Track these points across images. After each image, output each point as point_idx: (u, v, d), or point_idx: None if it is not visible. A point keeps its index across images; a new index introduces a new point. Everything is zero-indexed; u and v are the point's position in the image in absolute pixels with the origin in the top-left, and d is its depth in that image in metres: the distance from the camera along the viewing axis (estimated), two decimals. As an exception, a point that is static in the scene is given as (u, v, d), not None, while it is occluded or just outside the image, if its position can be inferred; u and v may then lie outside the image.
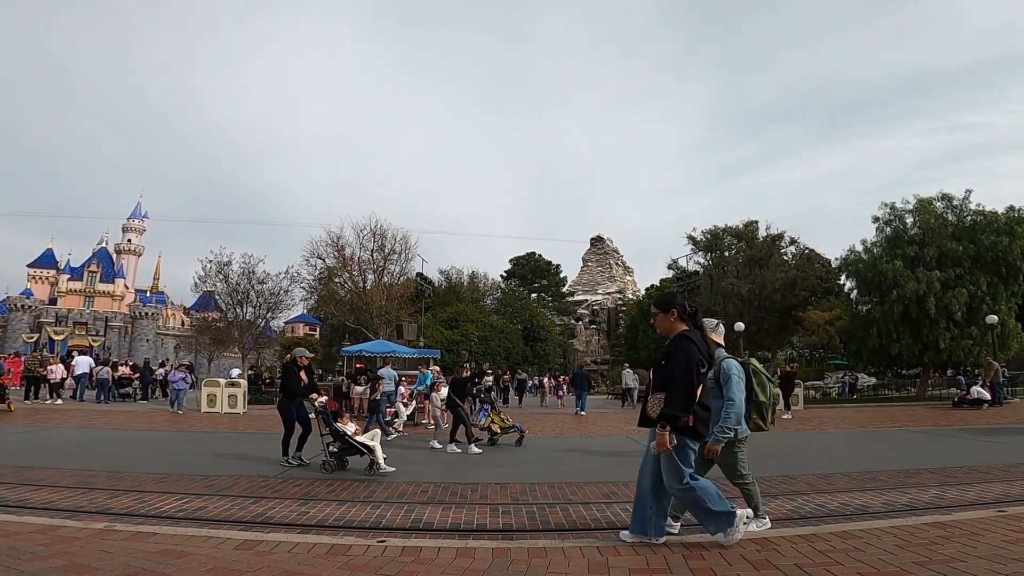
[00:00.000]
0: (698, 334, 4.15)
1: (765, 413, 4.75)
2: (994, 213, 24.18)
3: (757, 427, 4.74)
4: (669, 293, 4.80)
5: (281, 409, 8.84)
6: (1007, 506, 5.19)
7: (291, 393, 8.77)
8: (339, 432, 8.09)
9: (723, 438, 4.33)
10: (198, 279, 29.62)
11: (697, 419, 3.89)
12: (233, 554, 3.96)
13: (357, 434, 8.25)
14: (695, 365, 3.85)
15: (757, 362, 4.87)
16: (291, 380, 8.79)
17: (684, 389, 3.83)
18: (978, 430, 12.78)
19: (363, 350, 21.56)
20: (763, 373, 4.77)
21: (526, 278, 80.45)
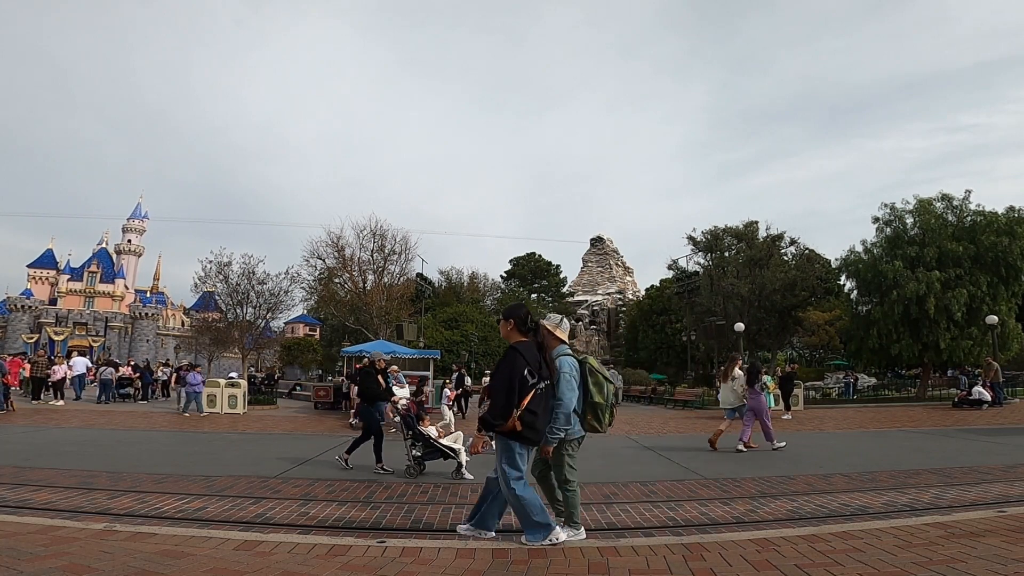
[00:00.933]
0: (529, 345, 4.30)
1: (601, 415, 4.58)
2: (994, 213, 24.20)
3: (593, 428, 4.64)
4: (515, 304, 4.80)
5: (365, 415, 8.59)
6: (1007, 506, 5.18)
7: (373, 397, 8.61)
8: (423, 435, 7.88)
9: (553, 439, 4.34)
10: (198, 279, 29.52)
11: (524, 424, 4.06)
12: (233, 554, 3.95)
13: (441, 437, 8.10)
14: (517, 375, 4.05)
15: (596, 361, 4.74)
16: (373, 384, 8.67)
17: (503, 398, 4.07)
18: (978, 430, 12.78)
19: (363, 351, 21.52)
20: (600, 373, 4.62)
21: (526, 278, 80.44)
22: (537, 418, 4.14)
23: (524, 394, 4.07)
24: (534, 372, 4.15)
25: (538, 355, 4.29)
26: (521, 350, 4.21)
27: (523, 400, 4.06)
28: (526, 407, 4.07)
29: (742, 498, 6.20)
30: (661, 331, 54.60)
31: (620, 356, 65.98)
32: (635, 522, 5.22)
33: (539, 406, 4.16)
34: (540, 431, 4.19)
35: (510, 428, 4.05)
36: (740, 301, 32.38)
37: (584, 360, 4.64)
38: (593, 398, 4.53)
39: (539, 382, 4.18)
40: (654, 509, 5.71)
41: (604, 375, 4.63)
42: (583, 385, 4.52)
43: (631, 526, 5.07)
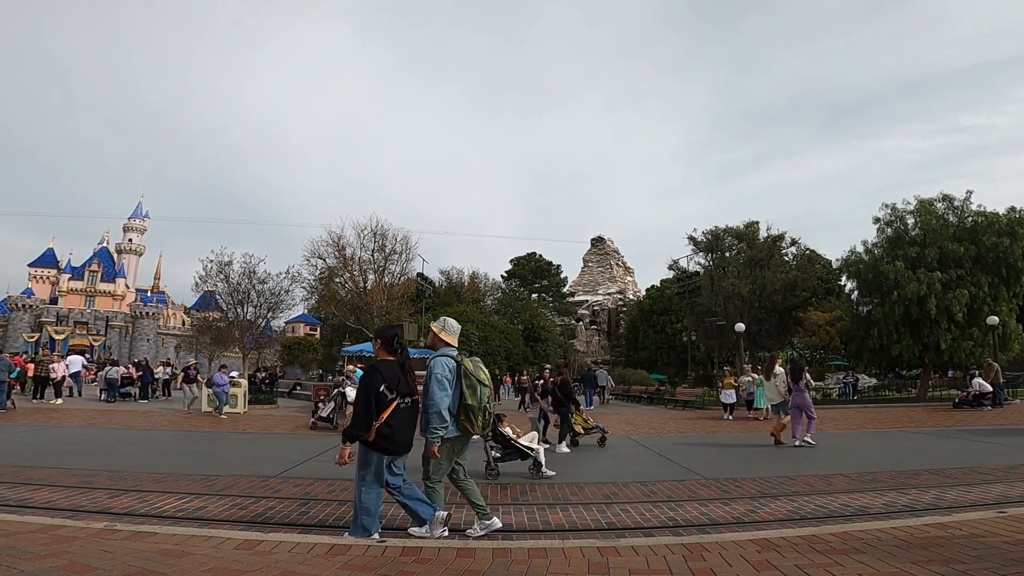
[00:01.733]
0: (392, 363, 4.62)
1: (473, 416, 4.65)
2: (995, 214, 24.19)
3: (465, 430, 4.72)
4: (386, 326, 5.22)
5: None
6: (1007, 507, 5.18)
7: None
8: (503, 436, 8.00)
9: (433, 439, 4.53)
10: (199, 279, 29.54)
11: (380, 436, 4.40)
12: (233, 554, 3.96)
13: (519, 437, 8.19)
14: (373, 391, 4.42)
15: (472, 363, 4.78)
16: None
17: (361, 412, 4.44)
18: (978, 431, 12.77)
19: (364, 350, 21.57)
20: (474, 375, 4.67)
21: (527, 278, 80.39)
22: (393, 431, 4.45)
23: (382, 408, 4.41)
24: (392, 388, 4.47)
25: (399, 373, 4.60)
26: (380, 368, 4.56)
27: (382, 414, 4.40)
28: (385, 420, 4.41)
29: (742, 498, 6.19)
30: (662, 331, 54.58)
31: (620, 356, 66.01)
32: (635, 522, 5.22)
33: (397, 420, 4.49)
34: (398, 442, 4.52)
35: (365, 438, 4.39)
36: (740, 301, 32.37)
37: (460, 361, 4.72)
38: (466, 400, 4.62)
39: (398, 397, 4.49)
40: (654, 509, 5.71)
41: (479, 378, 4.67)
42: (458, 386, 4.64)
43: (631, 526, 5.07)
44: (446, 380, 4.57)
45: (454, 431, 4.66)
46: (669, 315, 52.25)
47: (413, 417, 4.67)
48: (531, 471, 7.80)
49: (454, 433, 4.66)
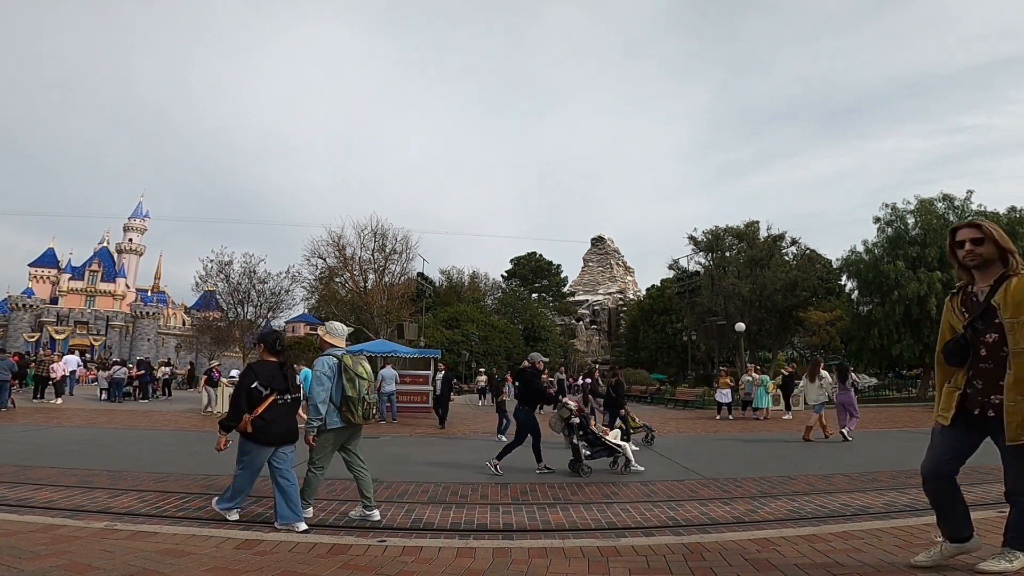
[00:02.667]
0: (269, 364, 5.13)
1: (352, 407, 5.06)
2: (996, 214, 24.19)
3: (347, 420, 5.12)
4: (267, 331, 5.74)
5: (525, 416, 8.52)
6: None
7: (543, 399, 8.76)
8: (594, 435, 8.27)
9: (309, 428, 5.05)
10: (199, 279, 29.65)
11: (254, 428, 4.89)
12: (233, 553, 3.96)
13: (605, 435, 8.42)
14: (245, 388, 4.97)
15: (352, 359, 5.19)
16: (540, 386, 8.94)
17: (233, 406, 5.02)
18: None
19: (364, 350, 21.51)
20: (353, 370, 5.09)
21: (527, 278, 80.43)
22: (268, 423, 4.92)
23: (256, 403, 4.91)
24: (267, 385, 4.98)
25: (278, 372, 5.11)
26: (255, 368, 5.12)
27: (257, 408, 4.90)
28: (259, 414, 4.89)
29: (742, 498, 6.19)
30: (662, 331, 54.59)
31: (621, 356, 65.98)
32: (635, 522, 5.22)
33: (273, 414, 4.96)
34: (273, 434, 4.96)
35: (242, 429, 4.88)
36: (741, 301, 32.38)
37: (341, 358, 5.15)
38: (346, 392, 5.05)
39: (274, 394, 4.99)
40: (654, 509, 5.71)
41: (357, 372, 5.11)
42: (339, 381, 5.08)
43: (631, 526, 5.08)
44: (325, 377, 5.02)
45: (338, 422, 5.10)
46: (669, 315, 52.26)
47: (291, 411, 5.16)
48: (620, 468, 8.10)
49: (338, 424, 5.11)
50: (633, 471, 7.96)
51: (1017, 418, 2.99)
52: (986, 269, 3.14)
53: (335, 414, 5.08)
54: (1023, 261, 3.09)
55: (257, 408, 4.92)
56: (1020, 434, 3.02)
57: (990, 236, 3.07)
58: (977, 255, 3.12)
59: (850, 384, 12.11)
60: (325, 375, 5.04)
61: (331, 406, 5.05)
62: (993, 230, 3.09)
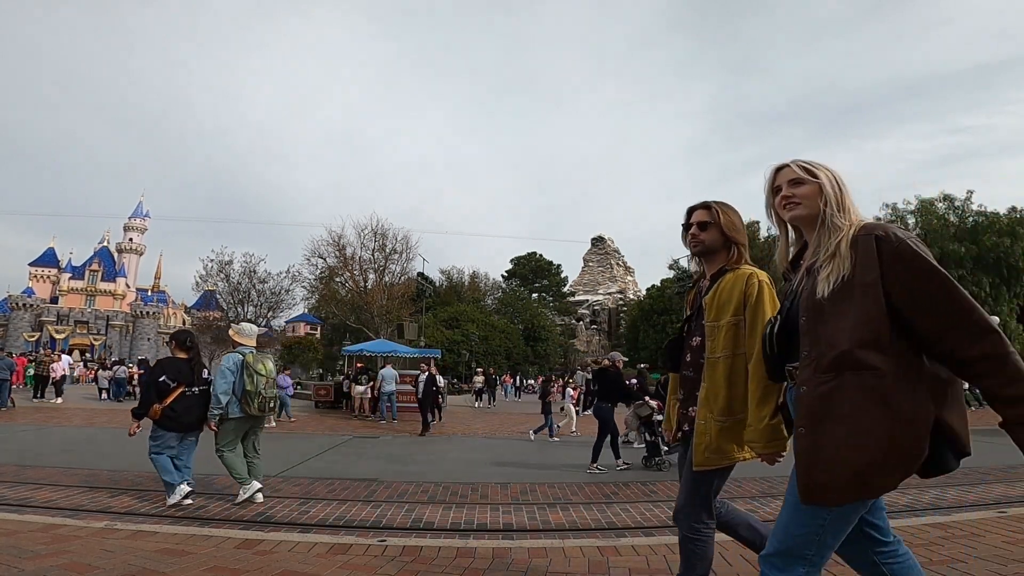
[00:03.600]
0: (177, 360, 5.89)
1: (250, 400, 5.74)
2: (995, 214, 24.19)
3: (245, 411, 5.78)
4: (178, 331, 6.35)
5: (608, 413, 8.78)
6: (1007, 507, 5.19)
7: (624, 396, 9.08)
8: None
9: (211, 416, 5.73)
10: (199, 278, 29.68)
11: (163, 416, 5.59)
12: (233, 553, 3.96)
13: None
14: (153, 382, 5.70)
15: (254, 357, 5.87)
16: (622, 383, 9.22)
17: (143, 397, 5.78)
18: (978, 431, 12.70)
19: (364, 349, 21.54)
20: (253, 367, 5.78)
21: (527, 278, 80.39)
22: (177, 413, 5.64)
23: (166, 394, 5.63)
24: (174, 379, 5.70)
25: (187, 368, 5.84)
26: (163, 363, 5.92)
27: (166, 399, 5.62)
28: (168, 404, 5.61)
29: (743, 498, 6.19)
30: (662, 331, 54.48)
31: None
32: (635, 521, 5.22)
33: (181, 405, 5.69)
34: (182, 422, 5.67)
35: (152, 416, 5.57)
36: (741, 301, 32.41)
37: (245, 356, 5.84)
38: (246, 386, 5.72)
39: (180, 386, 5.71)
40: (654, 508, 5.71)
41: (256, 369, 5.77)
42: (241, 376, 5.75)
43: (631, 525, 5.07)
44: (228, 371, 5.72)
45: (238, 412, 5.79)
46: (669, 315, 52.18)
47: (199, 402, 5.83)
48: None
49: (238, 414, 5.79)
50: None
51: (704, 440, 2.45)
52: (711, 259, 2.74)
53: (236, 405, 5.76)
54: (748, 255, 2.72)
55: (166, 399, 5.62)
56: (706, 459, 2.46)
57: (716, 221, 2.65)
58: (699, 241, 2.69)
59: None
60: (229, 370, 5.73)
61: (233, 398, 5.74)
62: (722, 214, 2.65)
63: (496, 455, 10.12)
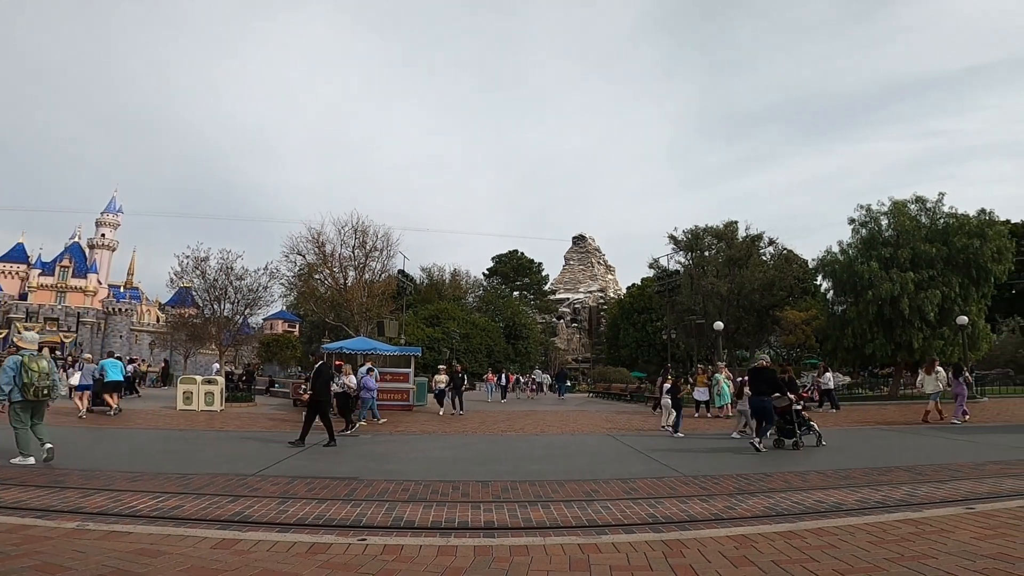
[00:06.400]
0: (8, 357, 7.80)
1: (27, 389, 7.63)
2: (966, 216, 24.71)
3: (24, 396, 7.65)
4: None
5: (764, 404, 10.16)
6: (976, 503, 5.33)
7: (782, 390, 10.32)
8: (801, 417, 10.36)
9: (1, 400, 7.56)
10: (174, 275, 29.03)
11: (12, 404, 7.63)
12: (210, 553, 3.90)
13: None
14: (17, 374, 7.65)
15: (29, 358, 7.74)
16: (776, 380, 10.45)
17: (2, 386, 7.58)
18: (949, 429, 13.10)
19: (343, 347, 21.34)
20: (28, 365, 7.65)
21: (508, 276, 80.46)
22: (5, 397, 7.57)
23: None
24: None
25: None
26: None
27: None
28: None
29: (721, 495, 6.27)
30: (642, 329, 55.04)
31: (601, 354, 66.35)
32: (616, 519, 5.25)
33: None
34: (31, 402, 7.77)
35: None
36: (719, 300, 32.76)
37: (23, 357, 7.73)
38: (23, 379, 7.62)
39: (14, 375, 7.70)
40: (634, 506, 5.75)
41: (31, 367, 7.67)
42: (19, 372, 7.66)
43: (612, 523, 5.10)
44: (9, 368, 7.58)
45: (19, 397, 7.62)
46: (649, 313, 52.73)
47: None
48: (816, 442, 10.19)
49: (19, 398, 7.62)
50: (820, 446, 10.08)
51: None
52: None
53: (18, 392, 7.60)
54: None
55: None
56: None
57: None
58: None
59: (963, 380, 14.84)
60: (10, 367, 7.60)
61: (15, 387, 7.58)
62: None
63: (478, 453, 10.11)
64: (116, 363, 17.00)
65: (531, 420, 16.81)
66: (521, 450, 10.55)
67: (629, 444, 11.00)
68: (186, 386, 17.96)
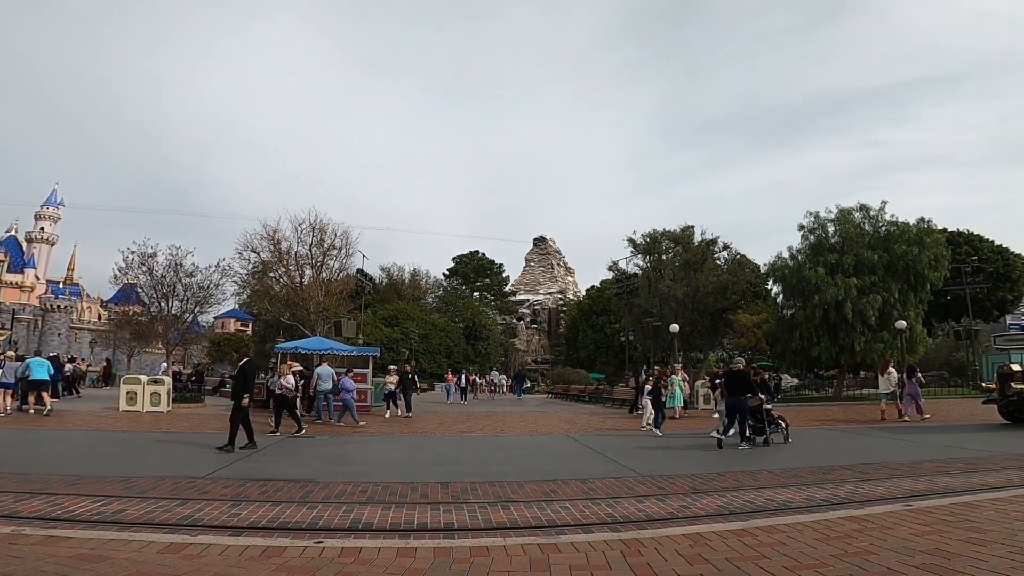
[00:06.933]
0: None
1: None
2: (906, 224, 25.89)
3: None
4: None
5: (741, 404, 10.75)
6: (913, 500, 5.59)
7: (755, 391, 11.01)
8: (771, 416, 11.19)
9: None
10: (118, 271, 27.78)
11: None
12: (158, 557, 3.76)
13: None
14: None
15: None
16: (750, 382, 11.17)
17: None
18: (888, 429, 13.73)
19: (299, 347, 20.86)
20: None
21: (468, 277, 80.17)
22: None
23: None
24: None
25: None
26: None
27: None
28: None
29: (676, 494, 6.41)
30: (601, 331, 55.68)
31: (560, 355, 66.82)
32: (575, 519, 5.30)
33: None
34: None
35: None
36: (675, 303, 33.41)
37: None
38: None
39: None
40: (593, 506, 5.82)
41: None
42: None
43: (571, 523, 5.15)
44: None
45: None
46: (608, 315, 53.36)
47: None
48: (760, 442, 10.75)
49: None
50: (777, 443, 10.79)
51: None
52: None
53: None
54: None
55: None
56: None
57: None
58: None
59: (915, 380, 15.45)
60: None
61: None
62: None
63: (437, 454, 10.05)
64: (43, 362, 16.17)
65: (490, 421, 16.81)
66: (481, 451, 10.53)
67: (588, 445, 11.12)
68: (130, 386, 17.22)
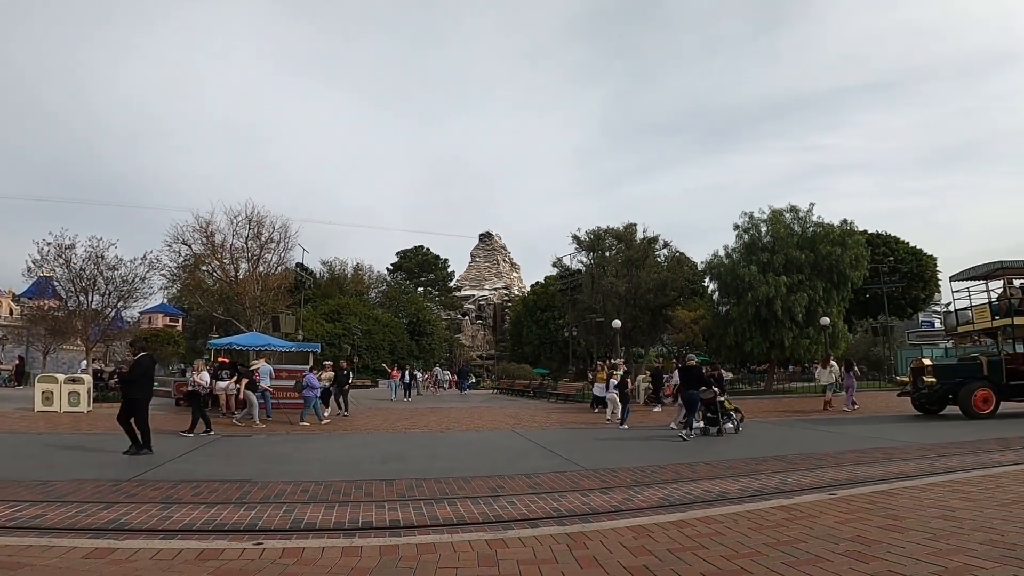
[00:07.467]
0: None
1: None
2: (831, 225, 27.41)
3: None
4: None
5: (692, 397, 11.47)
6: (837, 489, 5.93)
7: (707, 384, 11.99)
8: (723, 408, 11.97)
9: None
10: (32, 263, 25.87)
11: None
12: (82, 563, 3.55)
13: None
14: None
15: None
16: (703, 376, 12.14)
17: None
18: (814, 420, 14.53)
19: (233, 343, 20.03)
20: None
21: (413, 272, 79.24)
22: None
23: None
24: None
25: None
26: None
27: None
28: None
29: (619, 487, 6.56)
30: (545, 327, 56.20)
31: (505, 351, 67.07)
32: (521, 514, 5.34)
33: None
34: None
35: None
36: (618, 299, 34.08)
37: None
38: None
39: None
40: (539, 501, 5.88)
41: None
42: None
43: (518, 518, 5.19)
44: None
45: None
46: (552, 311, 53.92)
47: None
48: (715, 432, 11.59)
49: None
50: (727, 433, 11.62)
51: None
52: None
53: None
54: None
55: None
56: None
57: None
58: None
59: (853, 373, 17.58)
60: None
61: None
62: None
63: (381, 451, 9.89)
64: None
65: (436, 417, 16.70)
66: (426, 448, 10.45)
67: (533, 440, 11.22)
68: (45, 385, 16.11)
